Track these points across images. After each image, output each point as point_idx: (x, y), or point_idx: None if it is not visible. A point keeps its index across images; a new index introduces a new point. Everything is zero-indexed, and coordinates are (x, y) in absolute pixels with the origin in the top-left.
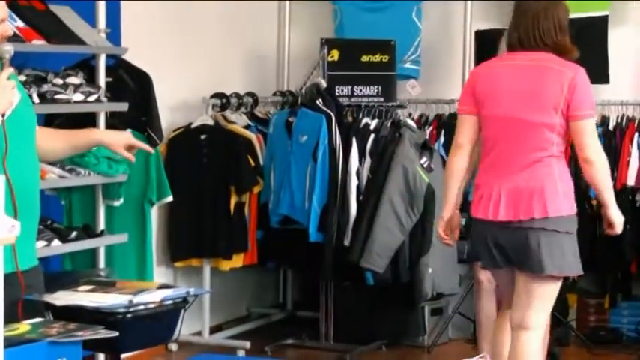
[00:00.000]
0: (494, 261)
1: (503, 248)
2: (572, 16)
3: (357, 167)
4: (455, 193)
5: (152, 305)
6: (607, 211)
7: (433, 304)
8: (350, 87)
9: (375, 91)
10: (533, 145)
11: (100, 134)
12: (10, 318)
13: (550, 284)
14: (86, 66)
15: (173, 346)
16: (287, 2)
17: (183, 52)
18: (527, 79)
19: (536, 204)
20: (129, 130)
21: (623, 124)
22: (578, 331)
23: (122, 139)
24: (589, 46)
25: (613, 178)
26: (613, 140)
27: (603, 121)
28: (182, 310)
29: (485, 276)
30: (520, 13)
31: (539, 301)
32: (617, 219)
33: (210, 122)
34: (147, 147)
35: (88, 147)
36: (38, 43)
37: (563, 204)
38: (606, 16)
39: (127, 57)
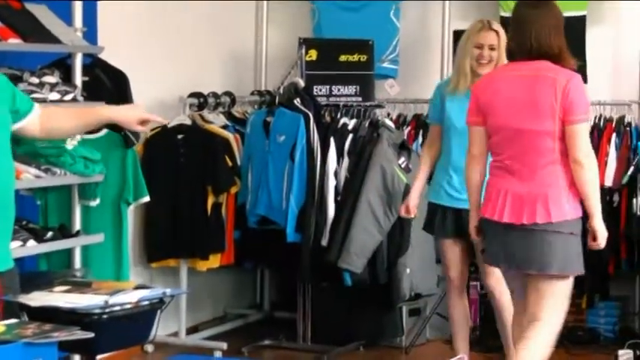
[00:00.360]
0: (500, 260)
1: (509, 248)
2: (566, 14)
3: (334, 167)
4: (477, 200)
5: (128, 306)
6: (591, 220)
7: (411, 305)
8: (328, 87)
9: (353, 90)
10: (537, 152)
11: (109, 111)
12: None
13: (558, 283)
14: (62, 65)
15: (149, 348)
16: (265, 2)
17: (159, 52)
18: (524, 88)
19: (540, 209)
20: (105, 130)
21: (601, 124)
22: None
23: (134, 115)
24: (567, 46)
25: None
26: (590, 140)
27: None
28: (158, 311)
29: (455, 274)
30: (515, 22)
31: (549, 299)
32: (600, 231)
33: (188, 122)
34: (160, 119)
35: (98, 124)
36: (14, 42)
37: (566, 209)
38: (584, 16)
39: (103, 56)
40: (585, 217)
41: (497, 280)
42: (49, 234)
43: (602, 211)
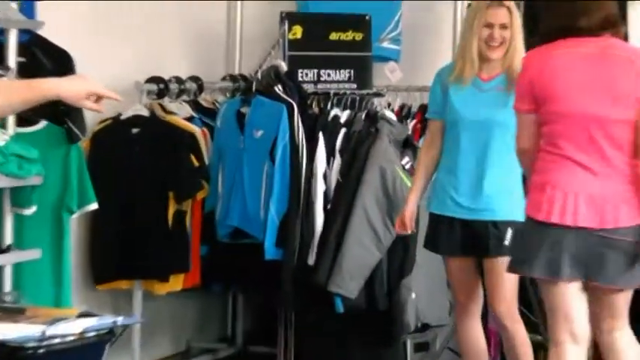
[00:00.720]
0: (562, 271)
1: (578, 257)
2: None
3: (324, 169)
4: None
5: (71, 338)
6: None
7: (417, 338)
8: (316, 71)
9: (347, 76)
10: (616, 145)
11: (55, 85)
12: None
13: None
14: None
15: None
16: None
17: (111, 28)
18: (594, 69)
19: (626, 211)
20: (44, 122)
21: None
22: None
23: (82, 89)
24: None
25: None
26: None
27: None
28: (107, 345)
29: (465, 298)
30: None
31: (625, 308)
32: None
33: (145, 113)
34: (116, 95)
35: (43, 100)
36: None
37: None
38: None
39: (43, 33)
40: None
41: (508, 307)
42: None
43: None
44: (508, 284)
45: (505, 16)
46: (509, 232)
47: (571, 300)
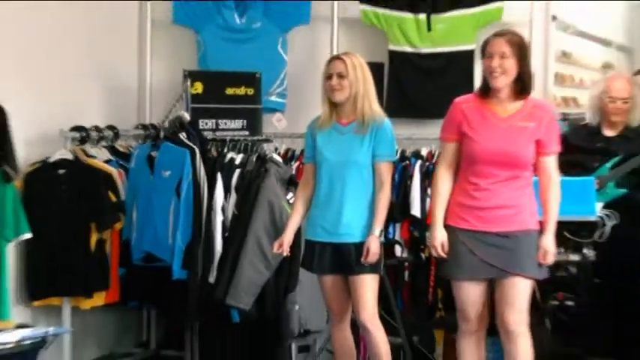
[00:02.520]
0: None
1: None
2: (442, 49)
3: (222, 203)
4: None
5: (10, 345)
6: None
7: (300, 342)
8: (214, 120)
9: (240, 124)
10: None
11: None
12: None
13: None
14: None
15: None
16: (148, 31)
17: (39, 84)
18: None
19: None
20: None
21: None
22: None
23: None
24: (458, 78)
25: None
26: None
27: None
28: (40, 351)
29: (336, 306)
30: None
31: None
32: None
33: (69, 156)
34: None
35: None
36: None
37: None
38: (472, 50)
39: None
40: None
41: (371, 315)
42: None
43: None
44: (370, 296)
45: (340, 66)
46: None
47: None
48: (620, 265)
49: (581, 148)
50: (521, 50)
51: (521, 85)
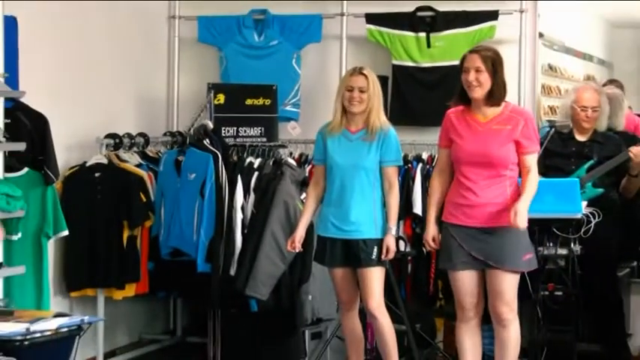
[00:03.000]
0: None
1: None
2: (440, 63)
3: (241, 202)
4: None
5: (48, 333)
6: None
7: (313, 329)
8: (235, 128)
9: (259, 132)
10: None
11: None
12: None
13: None
14: None
15: None
16: (176, 48)
17: (77, 95)
18: None
19: None
20: (26, 168)
21: None
22: (445, 352)
23: None
24: (453, 89)
25: None
26: None
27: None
28: (77, 337)
29: (346, 296)
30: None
31: None
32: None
33: (104, 161)
34: None
35: None
36: None
37: None
38: None
39: (24, 100)
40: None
41: (378, 303)
42: None
43: None
44: (377, 286)
45: (363, 81)
46: (376, 249)
47: None
48: (596, 258)
49: (557, 152)
50: (494, 64)
51: (493, 94)
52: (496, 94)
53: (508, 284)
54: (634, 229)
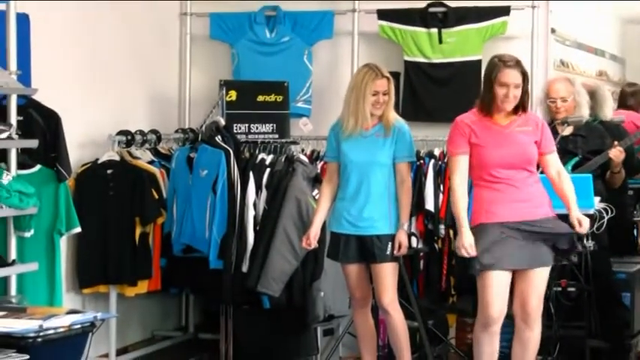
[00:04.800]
0: None
1: None
2: (452, 59)
3: (253, 199)
4: None
5: (61, 329)
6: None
7: (325, 326)
8: (247, 125)
9: (270, 128)
10: None
11: None
12: None
13: None
14: None
15: None
16: (188, 45)
17: (90, 92)
18: None
19: None
20: (38, 166)
21: None
22: (458, 349)
23: None
24: (467, 85)
25: None
26: None
27: None
28: (90, 334)
29: (358, 292)
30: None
31: None
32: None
33: (116, 158)
34: None
35: None
36: None
37: None
38: (480, 60)
39: (36, 97)
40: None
41: (391, 300)
42: None
43: None
44: (390, 282)
45: (386, 85)
46: (390, 244)
47: None
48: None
49: None
50: (526, 78)
51: (523, 105)
52: (525, 104)
53: (545, 279)
54: (623, 216)
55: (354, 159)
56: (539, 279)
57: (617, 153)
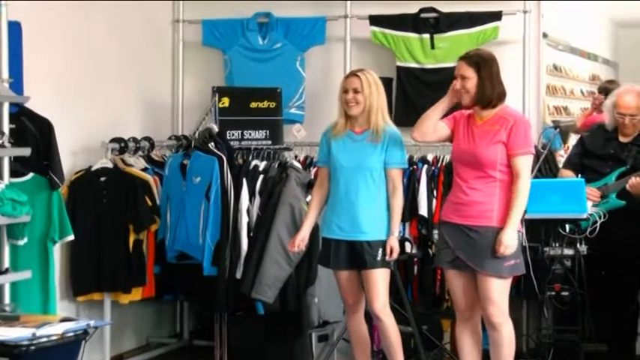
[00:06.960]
0: None
1: None
2: (444, 65)
3: (247, 206)
4: None
5: (54, 337)
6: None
7: (319, 332)
8: (240, 131)
9: (263, 135)
10: None
11: None
12: None
13: None
14: None
15: None
16: (181, 52)
17: (82, 100)
18: None
19: None
20: (31, 174)
21: None
22: (452, 354)
23: None
24: None
25: None
26: None
27: None
28: (83, 342)
29: (351, 298)
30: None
31: None
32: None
33: (110, 165)
34: None
35: None
36: None
37: None
38: None
39: (28, 105)
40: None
41: (382, 305)
42: None
43: None
44: (382, 288)
45: (356, 82)
46: (380, 250)
47: None
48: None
49: (596, 154)
50: (479, 68)
51: (482, 98)
52: (484, 97)
53: (493, 288)
54: None
55: (343, 163)
56: (485, 284)
57: (633, 183)
